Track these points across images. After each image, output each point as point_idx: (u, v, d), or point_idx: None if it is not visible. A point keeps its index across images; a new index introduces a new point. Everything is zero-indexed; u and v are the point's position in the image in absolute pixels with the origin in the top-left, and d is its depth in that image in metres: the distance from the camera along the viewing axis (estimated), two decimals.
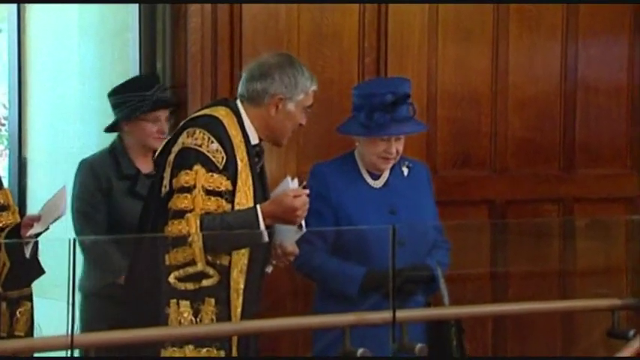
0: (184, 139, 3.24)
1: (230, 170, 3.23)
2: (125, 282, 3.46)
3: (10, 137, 5.30)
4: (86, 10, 4.90)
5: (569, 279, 4.79)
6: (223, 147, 3.23)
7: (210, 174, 3.20)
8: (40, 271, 3.38)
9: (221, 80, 4.45)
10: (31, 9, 5.13)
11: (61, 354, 2.57)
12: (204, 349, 3.15)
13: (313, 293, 3.79)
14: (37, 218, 3.26)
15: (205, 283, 3.17)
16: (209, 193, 3.19)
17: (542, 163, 5.11)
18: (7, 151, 5.31)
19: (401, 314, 2.96)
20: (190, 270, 3.14)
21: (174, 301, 3.15)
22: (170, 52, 4.52)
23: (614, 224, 4.75)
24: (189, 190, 3.18)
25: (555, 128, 5.13)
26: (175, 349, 3.12)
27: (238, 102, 3.38)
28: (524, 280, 4.74)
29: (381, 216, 3.62)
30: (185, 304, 3.15)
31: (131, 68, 4.56)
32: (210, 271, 3.18)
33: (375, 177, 3.73)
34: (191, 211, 3.15)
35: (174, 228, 3.15)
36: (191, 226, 3.14)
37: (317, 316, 3.15)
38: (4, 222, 3.36)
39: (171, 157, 3.25)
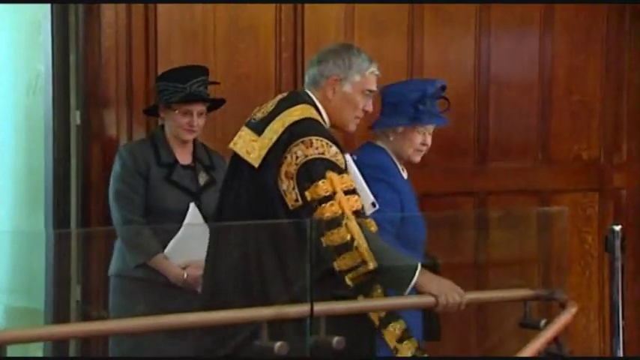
0: (305, 151, 3.26)
1: (347, 168, 3.33)
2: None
3: None
4: None
5: (483, 270, 4.86)
6: (339, 148, 3.31)
7: (341, 176, 3.26)
8: None
9: (136, 74, 4.42)
10: None
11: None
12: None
13: None
14: None
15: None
16: (347, 193, 3.25)
17: (457, 157, 5.18)
18: None
19: (318, 307, 2.98)
20: (362, 270, 3.20)
21: None
22: (83, 46, 4.46)
23: (526, 216, 4.83)
24: (331, 197, 3.23)
25: (470, 123, 5.20)
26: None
27: (307, 91, 3.46)
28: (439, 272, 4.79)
29: (416, 207, 3.94)
30: None
31: (44, 61, 4.49)
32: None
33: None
34: (342, 215, 3.20)
35: (335, 236, 3.19)
36: (352, 232, 3.19)
37: (234, 310, 3.14)
38: None
39: (292, 169, 3.25)
